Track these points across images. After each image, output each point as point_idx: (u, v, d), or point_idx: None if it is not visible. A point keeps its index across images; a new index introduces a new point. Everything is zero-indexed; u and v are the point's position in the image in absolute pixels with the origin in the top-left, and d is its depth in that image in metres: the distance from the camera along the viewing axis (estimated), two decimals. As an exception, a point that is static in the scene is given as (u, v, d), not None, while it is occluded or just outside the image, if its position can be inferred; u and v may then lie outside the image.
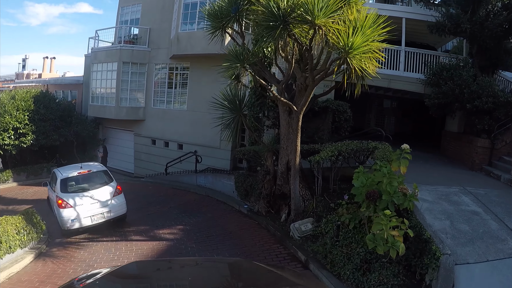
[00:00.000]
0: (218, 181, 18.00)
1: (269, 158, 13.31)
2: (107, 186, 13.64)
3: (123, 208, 13.70)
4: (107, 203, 13.11)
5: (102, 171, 14.37)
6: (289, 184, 12.46)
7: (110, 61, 26.84)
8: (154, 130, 26.00)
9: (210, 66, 21.86)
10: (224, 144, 21.40)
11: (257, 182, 14.28)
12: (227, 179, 17.26)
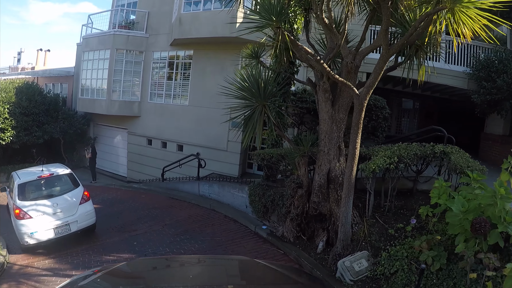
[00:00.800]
0: (227, 191, 14.54)
1: (303, 166, 9.87)
2: (73, 192, 12.08)
3: (92, 218, 12.11)
4: (73, 212, 11.53)
5: (67, 175, 12.71)
6: (329, 202, 9.41)
7: (102, 48, 23.51)
8: (150, 128, 22.65)
9: (217, 53, 18.84)
10: (232, 145, 18.48)
11: (281, 196, 10.95)
12: (239, 190, 13.85)
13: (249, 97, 9.77)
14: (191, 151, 19.79)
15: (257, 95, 9.70)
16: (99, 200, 17.11)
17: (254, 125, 9.61)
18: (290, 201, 10.12)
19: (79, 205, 11.70)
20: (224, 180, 15.15)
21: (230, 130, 18.41)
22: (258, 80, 9.83)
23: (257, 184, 12.44)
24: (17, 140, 22.64)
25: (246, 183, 13.86)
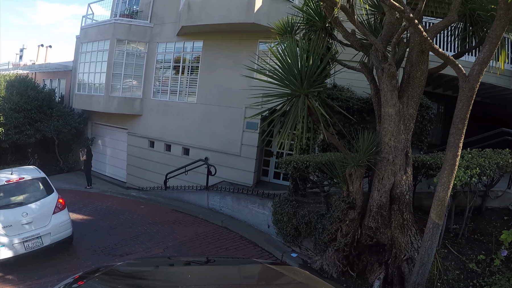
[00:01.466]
0: (243, 206, 12.03)
1: (357, 180, 7.38)
2: (46, 199, 10.46)
3: (68, 229, 10.56)
4: (45, 223, 10.02)
5: (39, 179, 10.94)
6: (391, 228, 7.08)
7: (102, 38, 21.16)
8: (152, 128, 20.15)
9: (230, 44, 16.73)
10: (247, 150, 16.26)
11: (319, 217, 8.53)
12: (259, 205, 11.35)
13: (286, 84, 7.13)
14: (199, 156, 17.40)
15: (297, 82, 7.09)
16: (90, 210, 14.90)
17: (292, 123, 6.97)
18: (336, 226, 7.64)
19: (52, 215, 10.23)
20: (240, 192, 12.58)
21: (245, 132, 16.07)
22: (297, 62, 7.27)
23: (285, 199, 9.95)
24: (5, 138, 20.60)
25: (269, 197, 11.38)
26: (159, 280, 4.14)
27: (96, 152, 23.84)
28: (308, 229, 8.78)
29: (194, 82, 18.50)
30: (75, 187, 19.85)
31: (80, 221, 13.16)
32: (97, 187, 20.37)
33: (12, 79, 22.58)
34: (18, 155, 23.97)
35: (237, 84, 16.34)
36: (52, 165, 24.24)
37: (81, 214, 14.14)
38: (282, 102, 7.49)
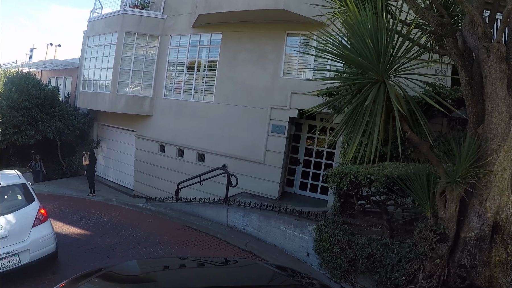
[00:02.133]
0: (273, 227, 9.83)
1: (453, 202, 5.27)
2: (25, 209, 8.74)
3: (50, 244, 8.83)
4: (23, 238, 8.33)
5: (17, 186, 9.15)
6: (490, 266, 5.30)
7: (109, 31, 19.21)
8: (164, 130, 18.07)
9: (253, 36, 14.89)
10: (272, 157, 14.43)
11: (384, 249, 6.47)
12: (295, 226, 9.18)
13: (360, 63, 5.01)
14: (215, 162, 15.36)
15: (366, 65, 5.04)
16: (90, 223, 12.81)
17: (372, 119, 4.88)
18: (418, 264, 5.49)
19: (32, 228, 8.54)
20: (270, 209, 10.36)
21: (270, 136, 13.99)
22: (377, 35, 5.15)
23: (333, 222, 7.80)
24: (3, 138, 18.81)
25: (309, 217, 9.21)
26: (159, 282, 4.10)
27: (101, 155, 22.08)
28: (370, 264, 6.63)
29: (211, 79, 16.44)
30: (77, 193, 17.84)
31: (75, 236, 11.21)
32: (101, 194, 18.39)
33: (12, 75, 20.73)
34: (20, 157, 22.49)
35: (261, 81, 14.45)
36: (55, 169, 22.64)
37: (78, 227, 12.14)
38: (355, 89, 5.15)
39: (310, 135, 15.47)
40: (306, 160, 15.44)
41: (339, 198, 8.42)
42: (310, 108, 6.55)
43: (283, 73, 14.51)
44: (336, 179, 7.77)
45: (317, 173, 15.20)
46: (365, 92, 5.19)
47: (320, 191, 15.16)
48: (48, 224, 8.94)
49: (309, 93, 13.52)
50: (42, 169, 21.74)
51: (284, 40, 14.49)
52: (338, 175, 7.70)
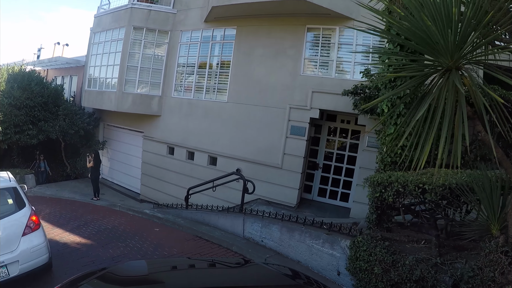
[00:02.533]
0: (298, 241, 8.64)
1: None
2: (14, 216, 7.76)
3: (43, 255, 7.83)
4: (12, 248, 7.37)
5: (7, 190, 8.15)
6: None
7: (116, 26, 18.18)
8: (173, 131, 16.98)
9: (270, 30, 13.92)
10: (290, 161, 13.37)
11: (435, 271, 5.40)
12: (324, 241, 8.01)
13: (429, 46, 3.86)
14: (228, 166, 14.31)
15: (442, 47, 3.88)
16: (92, 230, 11.76)
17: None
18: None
19: (22, 237, 7.63)
20: (293, 221, 9.15)
21: (289, 138, 12.87)
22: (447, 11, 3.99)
23: (371, 238, 6.67)
24: (4, 138, 17.87)
25: (341, 231, 7.99)
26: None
27: (107, 157, 21.05)
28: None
29: (225, 77, 15.34)
30: (80, 197, 16.84)
31: (75, 246, 10.15)
32: (106, 198, 17.40)
33: (15, 72, 19.79)
34: (25, 157, 21.79)
35: (279, 79, 13.40)
36: (58, 170, 21.71)
37: (78, 235, 11.10)
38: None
39: (330, 138, 14.38)
40: (326, 164, 14.34)
41: (375, 210, 7.29)
42: (367, 105, 5.37)
43: (303, 70, 13.39)
44: (378, 188, 6.61)
45: (337, 179, 14.13)
46: (439, 82, 4.03)
47: (340, 198, 14.08)
48: (40, 232, 8.04)
49: (330, 91, 12.48)
50: (46, 169, 20.78)
51: (304, 35, 13.43)
52: (382, 184, 6.54)
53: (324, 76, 13.07)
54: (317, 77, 13.11)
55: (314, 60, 13.43)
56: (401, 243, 6.83)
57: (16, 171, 18.72)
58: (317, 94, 12.86)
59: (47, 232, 11.11)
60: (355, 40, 12.76)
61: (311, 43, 13.44)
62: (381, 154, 8.36)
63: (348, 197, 13.88)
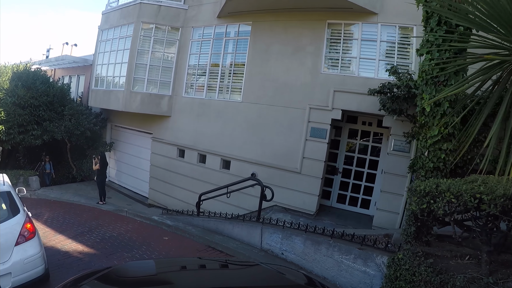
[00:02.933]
0: (325, 255, 7.73)
1: None
2: (7, 223, 6.96)
3: (38, 266, 7.04)
4: (5, 259, 6.57)
5: (0, 194, 7.38)
6: None
7: (125, 23, 17.38)
8: (183, 133, 16.08)
9: (288, 26, 13.11)
10: (310, 165, 12.44)
11: None
12: (356, 257, 7.14)
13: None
14: (242, 170, 13.45)
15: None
16: (96, 238, 10.96)
17: None
18: None
19: (15, 247, 6.91)
20: (319, 233, 8.22)
21: (308, 141, 12.01)
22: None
23: (413, 255, 5.74)
24: (7, 138, 17.11)
25: (375, 246, 7.11)
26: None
27: (114, 159, 20.24)
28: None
29: (239, 75, 14.45)
30: (86, 201, 16.02)
31: (77, 255, 9.37)
32: (112, 202, 16.59)
33: (20, 70, 19.06)
34: (31, 158, 21.38)
35: (297, 77, 12.54)
36: (64, 172, 21.07)
37: (81, 243, 10.31)
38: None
39: (349, 140, 13.50)
40: (345, 169, 13.44)
41: (414, 221, 6.38)
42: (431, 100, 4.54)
43: (324, 68, 12.50)
44: (426, 199, 5.66)
45: (358, 184, 13.24)
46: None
47: (360, 205, 13.21)
48: (35, 241, 7.26)
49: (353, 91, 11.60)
50: (51, 171, 20.05)
51: (324, 31, 12.55)
52: (431, 194, 5.60)
53: (346, 74, 12.17)
54: (338, 76, 12.21)
55: (336, 58, 12.54)
56: (443, 259, 5.95)
57: (20, 172, 18.16)
58: (339, 93, 11.96)
59: (48, 239, 10.41)
60: (379, 36, 11.87)
61: (331, 39, 12.56)
62: (421, 159, 7.43)
63: (369, 203, 13.06)
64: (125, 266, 5.13)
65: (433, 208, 5.56)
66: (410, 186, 6.29)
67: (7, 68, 18.73)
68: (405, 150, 11.16)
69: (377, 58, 11.86)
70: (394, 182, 11.29)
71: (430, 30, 7.36)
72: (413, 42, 11.39)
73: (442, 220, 6.16)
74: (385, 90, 10.30)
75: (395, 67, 10.17)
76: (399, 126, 11.00)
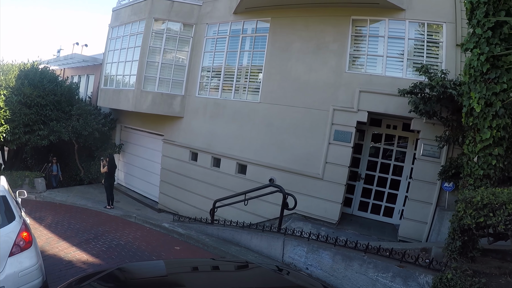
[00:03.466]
0: (357, 272, 6.83)
1: None
2: (1, 231, 6.12)
3: (34, 279, 6.21)
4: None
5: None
6: None
7: (136, 19, 16.66)
8: (196, 135, 15.28)
9: (310, 22, 12.40)
10: (333, 170, 11.66)
11: None
12: (395, 275, 6.24)
13: None
14: (259, 175, 12.69)
15: None
16: (102, 245, 10.19)
17: None
18: None
19: (9, 258, 6.16)
20: (350, 247, 7.35)
21: (331, 145, 11.22)
22: None
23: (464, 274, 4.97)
24: (12, 138, 16.32)
25: (417, 263, 6.23)
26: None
27: (124, 162, 19.64)
28: None
29: (257, 74, 13.68)
30: (93, 205, 15.29)
31: (80, 265, 8.61)
32: (120, 206, 15.83)
33: (27, 68, 18.38)
34: (39, 159, 20.87)
35: (320, 77, 11.77)
36: (71, 175, 20.34)
37: (86, 251, 9.55)
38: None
39: (372, 145, 12.72)
40: (368, 175, 12.64)
41: (460, 236, 5.57)
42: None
43: (348, 67, 11.70)
44: (483, 212, 4.84)
45: (381, 191, 12.46)
46: None
47: (383, 213, 12.44)
48: (32, 252, 6.48)
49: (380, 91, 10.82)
50: (59, 173, 19.38)
51: (348, 27, 11.79)
52: (489, 206, 4.76)
53: (372, 73, 11.37)
54: (364, 75, 11.42)
55: (361, 56, 11.75)
56: (493, 277, 5.20)
57: (25, 173, 17.39)
58: (365, 94, 11.17)
59: (51, 246, 9.66)
60: (406, 34, 11.12)
61: (356, 37, 11.78)
62: (469, 165, 6.62)
63: (392, 211, 12.32)
64: (132, 266, 5.05)
65: (493, 222, 4.75)
66: (462, 197, 5.50)
67: (14, 66, 18.07)
68: (435, 156, 10.46)
69: (405, 56, 11.11)
70: (422, 190, 10.61)
71: (477, 23, 6.57)
72: (442, 40, 10.64)
73: (496, 234, 5.37)
74: (417, 91, 9.57)
75: (426, 66, 9.47)
76: (430, 130, 10.36)
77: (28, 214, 13.27)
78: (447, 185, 10.09)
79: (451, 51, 10.46)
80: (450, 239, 5.93)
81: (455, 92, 8.60)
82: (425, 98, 9.49)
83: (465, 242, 5.72)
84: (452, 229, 5.88)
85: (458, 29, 10.43)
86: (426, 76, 9.36)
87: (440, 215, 10.13)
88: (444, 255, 6.17)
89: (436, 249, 6.99)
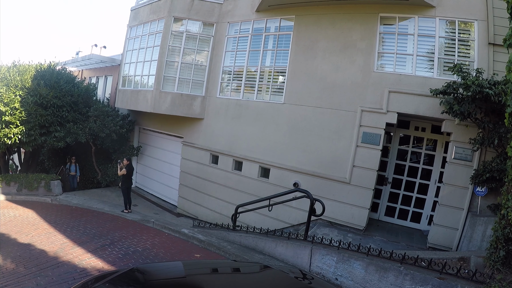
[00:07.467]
0: (392, 284, 6.19)
1: None
2: None
3: None
4: None
5: None
6: None
7: (155, 18, 16.26)
8: (217, 137, 14.81)
9: (336, 20, 11.90)
10: (360, 174, 11.18)
11: None
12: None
13: None
14: (284, 179, 12.17)
15: None
16: (119, 252, 9.75)
17: None
18: None
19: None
20: (385, 257, 6.70)
21: (359, 148, 10.77)
22: None
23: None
24: (27, 140, 15.99)
25: (459, 275, 5.56)
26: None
27: (142, 164, 19.24)
28: None
29: (281, 74, 13.16)
30: (109, 208, 14.93)
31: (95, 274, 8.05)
32: (138, 210, 15.49)
33: (43, 68, 18.12)
34: (56, 161, 20.94)
35: (347, 76, 11.27)
36: (89, 177, 20.11)
37: (102, 259, 9.15)
38: None
39: (400, 147, 12.18)
40: (395, 179, 12.09)
41: (505, 245, 5.06)
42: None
43: (377, 66, 11.17)
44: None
45: (409, 196, 11.93)
46: None
47: (411, 218, 11.90)
48: None
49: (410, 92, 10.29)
50: (77, 173, 19.09)
51: (376, 25, 11.26)
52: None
53: (402, 73, 10.83)
54: (393, 74, 10.86)
55: (390, 54, 11.21)
56: None
57: (41, 176, 17.08)
58: (394, 94, 10.62)
59: (65, 252, 9.31)
60: (437, 32, 10.56)
61: (385, 35, 11.25)
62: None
63: (420, 217, 11.78)
64: (149, 266, 5.10)
65: None
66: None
67: (31, 67, 17.81)
68: (467, 159, 9.91)
69: (436, 55, 10.55)
70: (453, 195, 10.05)
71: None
72: (474, 38, 10.08)
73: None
74: (450, 91, 9.05)
75: (459, 65, 8.96)
76: (462, 132, 9.84)
77: (43, 218, 13.00)
78: (480, 190, 9.56)
79: (483, 50, 9.92)
80: (493, 248, 5.49)
81: (491, 91, 8.11)
82: (459, 98, 8.98)
83: (509, 251, 5.26)
84: (495, 237, 5.41)
85: (490, 27, 9.89)
86: (459, 76, 8.89)
87: (472, 221, 9.58)
88: (485, 265, 5.68)
89: (476, 258, 6.46)
